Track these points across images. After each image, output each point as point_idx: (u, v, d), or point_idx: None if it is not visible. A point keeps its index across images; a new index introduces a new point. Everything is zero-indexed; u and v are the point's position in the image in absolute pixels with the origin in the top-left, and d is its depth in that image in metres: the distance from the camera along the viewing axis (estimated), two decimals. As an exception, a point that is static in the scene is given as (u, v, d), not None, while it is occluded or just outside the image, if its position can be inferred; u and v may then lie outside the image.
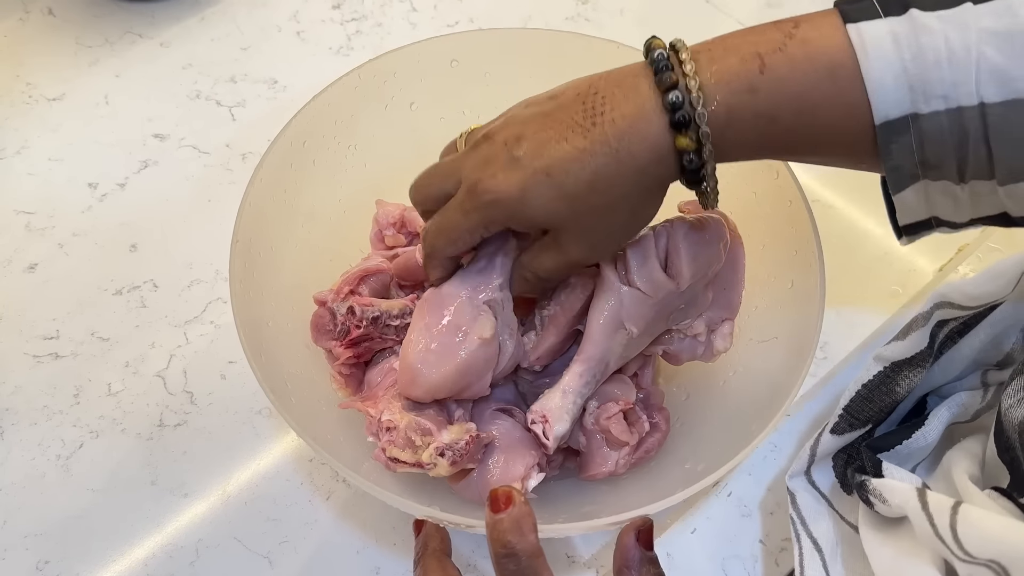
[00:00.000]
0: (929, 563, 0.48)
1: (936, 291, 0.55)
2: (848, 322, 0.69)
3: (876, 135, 0.41)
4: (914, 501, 0.48)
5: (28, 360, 0.66)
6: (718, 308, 0.56)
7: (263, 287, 0.56)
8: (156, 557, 0.58)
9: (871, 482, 0.53)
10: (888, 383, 0.55)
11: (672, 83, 0.42)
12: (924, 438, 0.54)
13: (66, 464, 0.62)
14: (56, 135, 0.79)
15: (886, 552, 0.51)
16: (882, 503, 0.52)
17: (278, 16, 0.88)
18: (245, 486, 0.61)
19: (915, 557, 0.49)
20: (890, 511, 0.51)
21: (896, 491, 0.50)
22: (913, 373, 0.55)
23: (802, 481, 0.58)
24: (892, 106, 0.40)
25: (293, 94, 0.82)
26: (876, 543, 0.52)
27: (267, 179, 0.57)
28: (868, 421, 0.56)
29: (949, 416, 0.55)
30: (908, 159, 0.41)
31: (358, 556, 0.59)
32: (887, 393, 0.55)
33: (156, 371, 0.66)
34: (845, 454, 0.57)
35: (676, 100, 0.42)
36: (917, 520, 0.48)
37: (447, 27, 0.87)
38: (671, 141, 0.43)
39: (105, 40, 0.85)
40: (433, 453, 0.51)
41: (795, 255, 0.56)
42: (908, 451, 0.55)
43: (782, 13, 0.94)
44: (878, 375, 0.55)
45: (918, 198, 0.43)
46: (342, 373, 0.56)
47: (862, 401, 0.55)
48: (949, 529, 0.45)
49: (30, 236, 0.72)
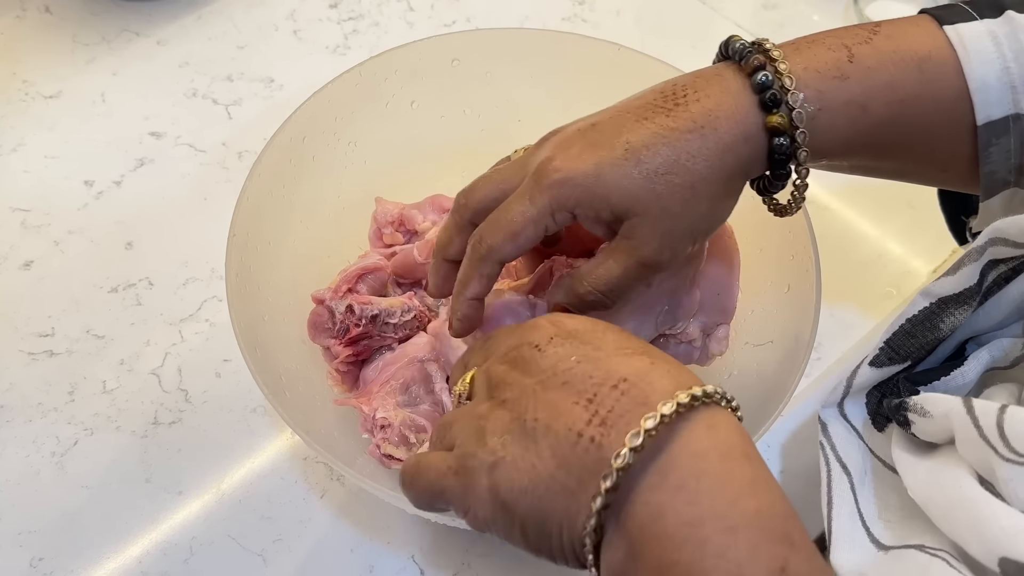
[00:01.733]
0: (966, 474, 0.48)
1: (993, 225, 0.54)
2: (842, 323, 0.70)
3: (976, 136, 0.40)
4: (959, 407, 0.47)
5: (23, 357, 0.66)
6: (713, 312, 0.56)
7: (259, 282, 0.56)
8: (150, 554, 0.58)
9: (911, 399, 0.52)
10: (933, 319, 0.54)
11: (759, 64, 0.41)
12: (963, 376, 0.53)
13: (61, 461, 0.62)
14: (52, 133, 0.79)
15: (921, 470, 0.51)
16: (922, 417, 0.51)
17: (275, 15, 0.88)
18: (239, 484, 0.61)
19: (952, 468, 0.49)
20: (930, 425, 0.51)
21: (939, 402, 0.49)
22: (959, 311, 0.54)
23: (834, 412, 0.57)
24: (995, 106, 0.39)
25: (290, 93, 0.82)
26: (910, 464, 0.52)
27: (266, 174, 0.57)
28: (908, 357, 0.55)
29: (989, 359, 0.54)
30: (1004, 163, 0.41)
31: (352, 554, 0.59)
32: (930, 329, 0.54)
33: (151, 369, 0.66)
34: (879, 392, 0.56)
35: (765, 80, 0.40)
36: (961, 426, 0.47)
37: (444, 27, 0.87)
38: (761, 120, 0.41)
39: (102, 38, 0.85)
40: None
41: (792, 259, 0.57)
42: (945, 388, 0.54)
43: (779, 15, 0.94)
44: (923, 310, 0.54)
45: (1002, 207, 0.43)
46: (340, 371, 0.56)
47: (904, 335, 0.54)
48: (996, 428, 0.45)
49: (26, 233, 0.72)
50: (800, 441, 0.64)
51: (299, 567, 0.58)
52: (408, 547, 0.59)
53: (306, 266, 0.60)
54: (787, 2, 0.90)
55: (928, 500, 0.50)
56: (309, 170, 0.61)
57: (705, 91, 0.41)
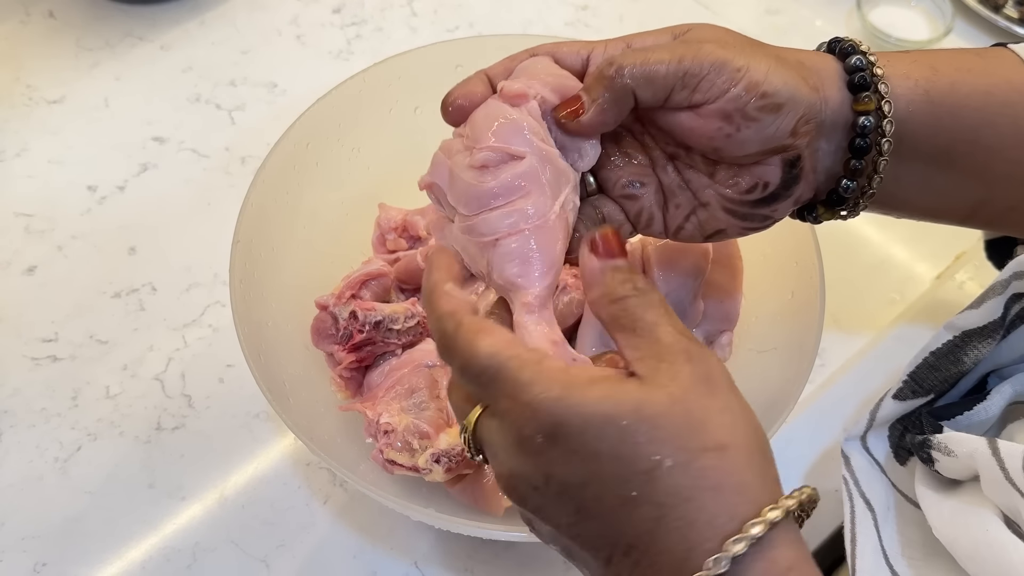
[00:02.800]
0: (992, 515, 0.48)
1: (1017, 259, 0.55)
2: (846, 329, 0.70)
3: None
4: (984, 448, 0.47)
5: (26, 362, 0.66)
6: (717, 320, 0.56)
7: (263, 287, 0.56)
8: (153, 560, 0.58)
9: (934, 437, 0.52)
10: (956, 352, 0.54)
11: (853, 48, 0.42)
12: (986, 411, 0.54)
13: (64, 466, 0.62)
14: (56, 138, 0.79)
15: (945, 508, 0.51)
16: (946, 456, 0.51)
17: (278, 20, 0.88)
18: (242, 489, 0.61)
19: (976, 508, 0.49)
20: (955, 464, 0.51)
21: (963, 442, 0.49)
22: (982, 344, 0.54)
23: (857, 445, 0.57)
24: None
25: (293, 98, 0.82)
26: (934, 501, 0.52)
27: (270, 180, 0.57)
28: (931, 391, 0.55)
29: (1012, 393, 0.55)
30: None
31: (355, 560, 0.59)
32: (953, 363, 0.54)
33: (154, 374, 0.66)
34: (902, 425, 0.57)
35: (858, 63, 0.41)
36: (986, 467, 0.47)
37: (447, 32, 0.88)
38: (848, 99, 0.41)
39: (105, 43, 0.85)
40: (429, 459, 0.51)
41: (795, 266, 0.57)
42: (968, 423, 0.54)
43: (781, 20, 0.94)
44: (947, 343, 0.55)
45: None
46: (343, 376, 0.56)
47: (928, 368, 0.55)
48: (1022, 471, 0.45)
49: (29, 238, 0.72)
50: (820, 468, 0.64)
51: (302, 573, 0.58)
52: (410, 553, 0.59)
53: (309, 272, 0.60)
54: (790, 8, 0.91)
55: (954, 541, 0.50)
56: (313, 176, 0.61)
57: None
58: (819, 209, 0.45)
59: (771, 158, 0.41)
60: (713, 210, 0.43)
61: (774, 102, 0.39)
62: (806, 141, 0.41)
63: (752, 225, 0.44)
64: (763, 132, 0.40)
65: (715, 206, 0.43)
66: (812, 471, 0.62)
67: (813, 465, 0.63)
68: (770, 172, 0.42)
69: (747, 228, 0.44)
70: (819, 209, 0.45)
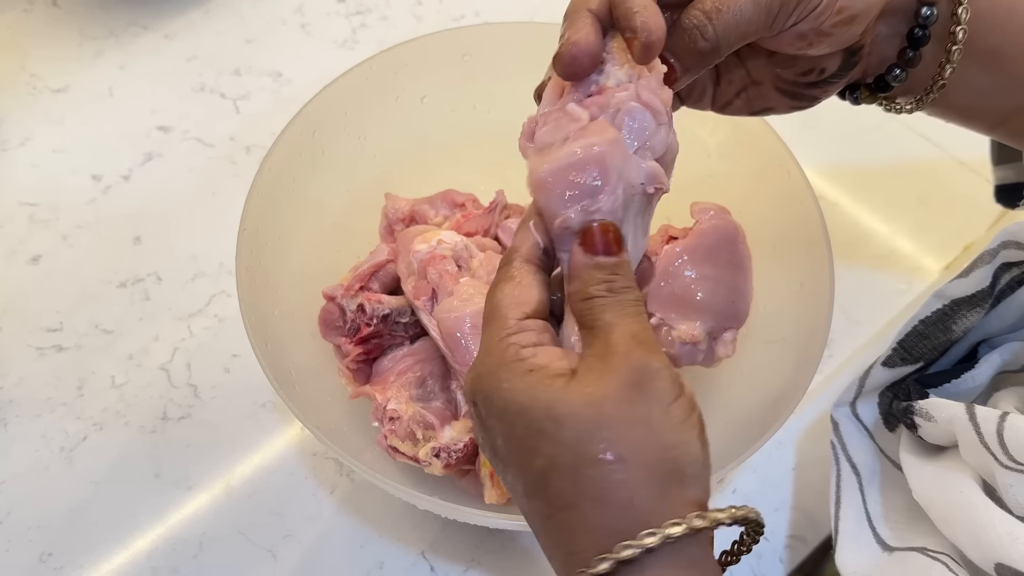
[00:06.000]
0: (969, 479, 0.49)
1: (1005, 228, 0.55)
2: (853, 320, 0.69)
3: None
4: (962, 413, 0.49)
5: (31, 352, 0.66)
6: (724, 317, 0.56)
7: (269, 276, 0.56)
8: (159, 550, 0.58)
9: (917, 403, 0.53)
10: (946, 320, 0.55)
11: None
12: (973, 379, 0.54)
13: (69, 456, 0.61)
14: (60, 127, 0.78)
15: (925, 472, 0.52)
16: (928, 421, 0.52)
17: (283, 9, 0.87)
18: (249, 479, 0.61)
19: (955, 472, 0.50)
20: (935, 429, 0.52)
21: (944, 407, 0.50)
22: (971, 313, 0.54)
23: (846, 411, 0.58)
24: None
25: (297, 87, 0.81)
26: (916, 465, 0.53)
27: (275, 169, 0.57)
28: (920, 358, 0.55)
29: (1000, 362, 0.55)
30: None
31: (362, 550, 0.58)
32: (943, 331, 0.55)
33: (160, 364, 0.66)
34: (891, 392, 0.57)
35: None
36: (963, 432, 0.48)
37: (452, 21, 0.87)
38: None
39: (110, 32, 0.85)
40: (429, 452, 0.51)
41: (804, 256, 0.56)
42: (956, 391, 0.55)
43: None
44: (936, 312, 0.55)
45: None
46: (350, 368, 0.56)
47: (917, 336, 0.55)
48: (996, 436, 0.46)
49: (34, 228, 0.72)
50: (813, 437, 0.64)
51: (308, 563, 0.58)
52: (418, 543, 0.59)
53: (316, 261, 0.60)
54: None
55: (931, 503, 0.51)
56: (319, 165, 0.61)
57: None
58: (862, 91, 0.45)
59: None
60: (765, 89, 0.44)
61: (850, 14, 0.40)
62: (871, 35, 0.42)
63: (801, 104, 0.45)
64: (836, 42, 0.41)
65: (768, 85, 0.44)
66: (820, 459, 0.62)
67: (823, 454, 0.63)
68: (830, 59, 0.42)
69: (795, 106, 0.45)
70: (862, 91, 0.45)
